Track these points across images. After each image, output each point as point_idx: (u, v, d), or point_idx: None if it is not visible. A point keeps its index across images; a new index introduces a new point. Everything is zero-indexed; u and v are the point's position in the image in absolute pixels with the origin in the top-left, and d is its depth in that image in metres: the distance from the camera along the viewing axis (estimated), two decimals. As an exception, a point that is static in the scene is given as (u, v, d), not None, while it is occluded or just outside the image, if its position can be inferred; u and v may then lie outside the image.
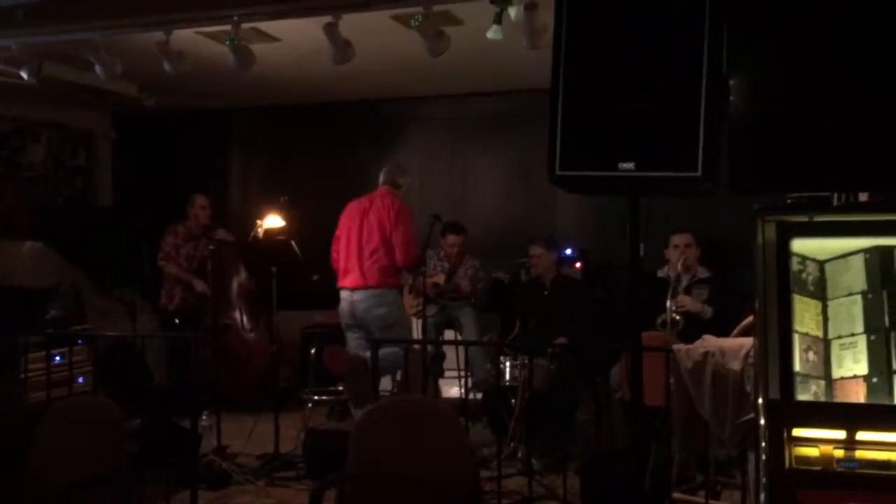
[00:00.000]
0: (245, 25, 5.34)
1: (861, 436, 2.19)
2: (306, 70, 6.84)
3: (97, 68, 5.67)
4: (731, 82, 2.50)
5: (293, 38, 5.99)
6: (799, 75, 2.48)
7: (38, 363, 5.25)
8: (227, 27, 5.31)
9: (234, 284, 7.19)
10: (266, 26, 5.67)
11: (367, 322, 5.80)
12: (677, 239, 5.63)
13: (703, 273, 5.65)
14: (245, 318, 7.22)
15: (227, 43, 5.39)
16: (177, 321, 6.94)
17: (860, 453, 2.17)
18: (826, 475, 2.15)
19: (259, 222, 6.36)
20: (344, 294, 5.81)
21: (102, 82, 6.34)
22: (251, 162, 9.01)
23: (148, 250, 6.95)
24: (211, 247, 6.50)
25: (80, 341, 5.76)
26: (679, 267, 5.54)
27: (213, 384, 5.81)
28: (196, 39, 5.84)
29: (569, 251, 7.41)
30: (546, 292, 6.19)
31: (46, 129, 8.18)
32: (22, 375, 5.21)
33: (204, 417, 5.63)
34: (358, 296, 5.72)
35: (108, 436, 3.41)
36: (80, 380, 5.59)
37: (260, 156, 8.93)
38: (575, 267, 7.30)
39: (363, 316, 5.77)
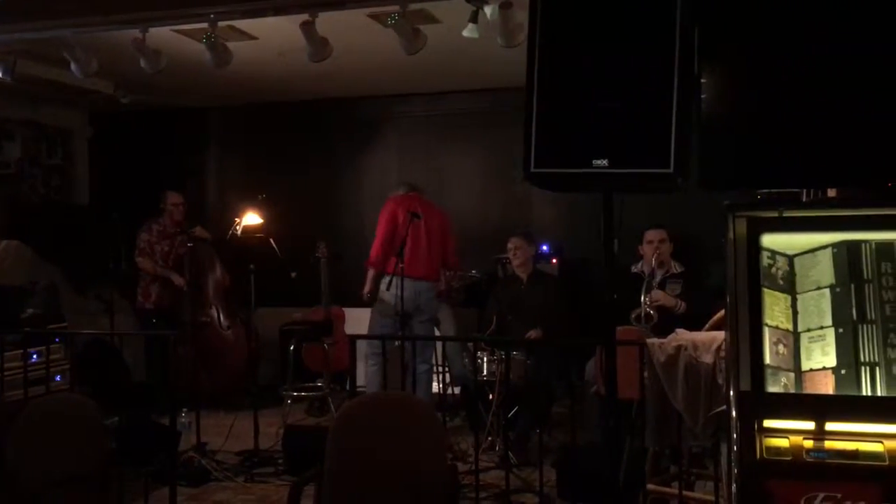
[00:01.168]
0: (221, 23, 5.33)
1: (830, 426, 2.23)
2: (283, 68, 6.83)
3: (73, 66, 5.64)
4: (703, 81, 2.55)
5: (270, 36, 5.99)
6: (769, 74, 2.52)
7: (15, 361, 5.21)
8: (204, 25, 5.30)
9: (211, 282, 7.18)
10: (243, 24, 5.66)
11: (424, 308, 6.21)
12: (651, 235, 5.69)
13: (676, 268, 5.71)
14: (222, 316, 7.21)
15: (204, 41, 5.38)
16: (154, 320, 6.92)
17: (829, 443, 2.21)
18: (796, 465, 2.20)
19: (237, 220, 6.36)
20: (408, 283, 5.95)
21: (78, 80, 6.30)
22: (229, 160, 8.98)
23: (125, 248, 6.92)
24: (189, 244, 6.49)
25: (57, 339, 5.72)
26: (653, 262, 5.60)
27: (191, 381, 5.80)
28: (172, 37, 5.81)
29: (545, 247, 7.46)
30: (523, 287, 6.24)
31: (22, 128, 8.09)
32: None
33: (183, 415, 5.62)
34: (424, 286, 6.17)
35: (87, 434, 3.41)
36: (58, 378, 5.56)
37: (237, 154, 8.90)
38: (551, 263, 7.35)
39: (425, 303, 6.17)
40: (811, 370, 2.35)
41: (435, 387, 6.45)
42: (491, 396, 5.55)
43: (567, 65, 2.59)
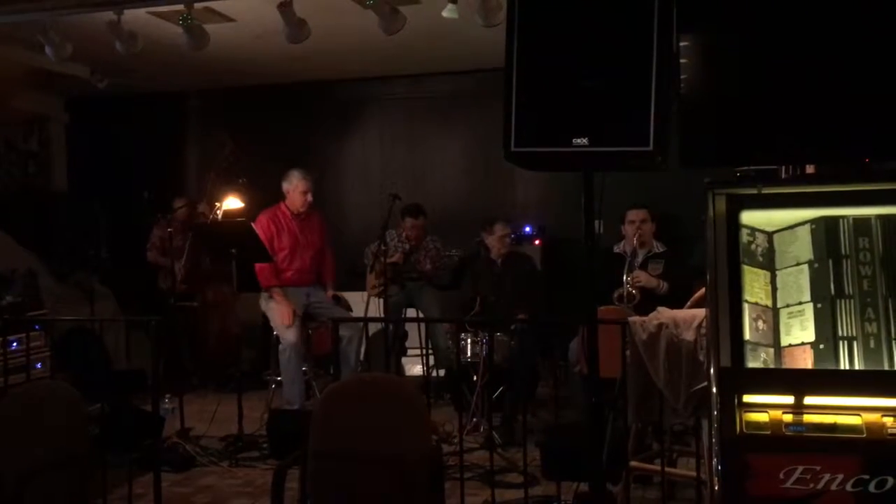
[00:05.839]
0: (198, 5, 5.28)
1: (808, 400, 2.26)
2: (262, 50, 6.78)
3: (47, 50, 5.57)
4: (682, 60, 2.55)
5: (248, 18, 5.93)
6: (747, 52, 2.53)
7: (-5, 349, 5.18)
8: (180, 7, 5.25)
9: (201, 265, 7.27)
10: (220, 6, 5.60)
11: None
12: (633, 214, 5.70)
13: (658, 248, 5.73)
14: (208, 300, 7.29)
15: (181, 23, 5.33)
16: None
17: (808, 417, 2.24)
18: (775, 439, 2.22)
19: (218, 204, 6.33)
20: None
21: (54, 64, 6.23)
22: (208, 144, 8.91)
23: (105, 234, 6.90)
24: (169, 229, 6.50)
25: (36, 327, 5.68)
26: (635, 242, 5.61)
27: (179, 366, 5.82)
28: (148, 19, 5.75)
29: (528, 229, 7.48)
30: (498, 268, 6.26)
31: (-3, 113, 8.02)
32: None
33: (166, 400, 5.61)
34: None
35: (69, 421, 3.38)
36: (38, 365, 5.52)
37: (217, 137, 8.82)
38: (534, 244, 7.36)
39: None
40: (790, 345, 2.37)
41: (420, 370, 6.45)
42: (475, 378, 5.57)
43: (546, 43, 2.58)
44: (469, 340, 5.68)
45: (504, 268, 6.25)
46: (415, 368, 6.87)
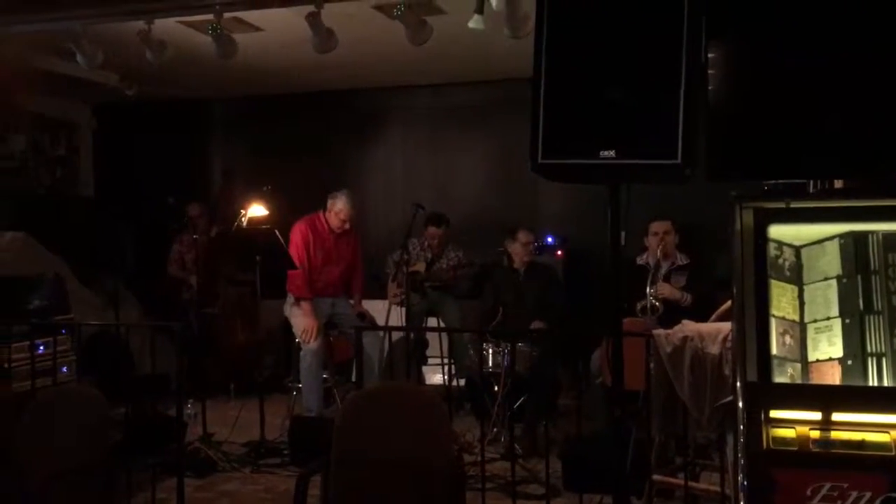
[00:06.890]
0: (227, 15, 5.33)
1: (836, 417, 2.24)
2: (289, 59, 6.83)
3: (79, 58, 5.64)
4: (710, 71, 2.54)
5: (276, 28, 5.98)
6: (776, 64, 2.52)
7: (22, 353, 5.24)
8: (210, 16, 5.30)
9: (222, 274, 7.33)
10: (248, 16, 5.66)
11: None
12: (656, 226, 5.68)
13: (682, 260, 5.70)
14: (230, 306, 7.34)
15: (209, 32, 5.38)
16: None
17: (835, 434, 2.22)
18: (802, 455, 2.20)
19: (243, 211, 6.37)
20: None
21: (83, 72, 6.31)
22: (234, 151, 8.98)
23: (130, 239, 6.97)
24: (195, 235, 6.59)
25: (63, 331, 5.74)
26: (658, 254, 5.59)
27: (201, 372, 5.86)
28: (178, 28, 5.82)
29: (550, 239, 7.46)
30: (521, 278, 6.25)
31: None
32: (6, 365, 5.20)
33: (189, 406, 5.64)
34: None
35: (93, 425, 3.41)
36: (64, 369, 5.58)
37: (243, 145, 8.89)
38: (556, 255, 7.35)
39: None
40: (818, 361, 2.35)
41: (440, 379, 6.45)
42: (496, 388, 5.56)
43: (574, 55, 2.57)
44: (490, 350, 5.67)
45: (526, 278, 6.25)
46: (434, 377, 6.87)
